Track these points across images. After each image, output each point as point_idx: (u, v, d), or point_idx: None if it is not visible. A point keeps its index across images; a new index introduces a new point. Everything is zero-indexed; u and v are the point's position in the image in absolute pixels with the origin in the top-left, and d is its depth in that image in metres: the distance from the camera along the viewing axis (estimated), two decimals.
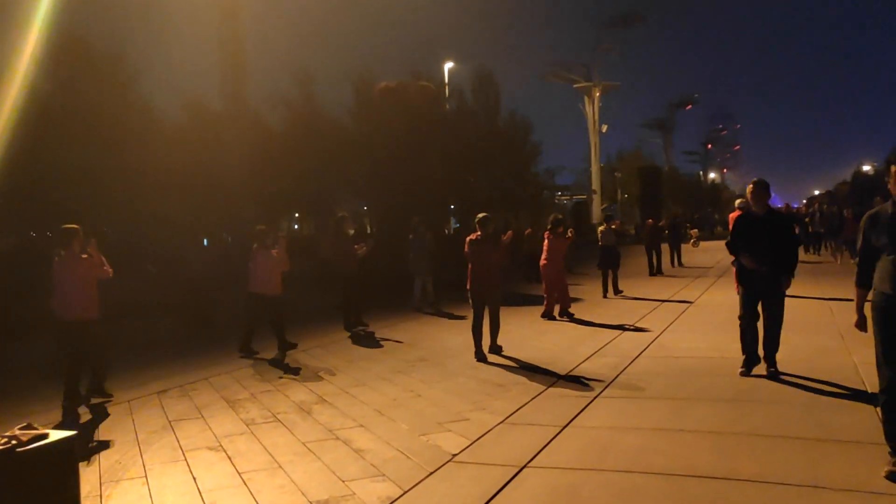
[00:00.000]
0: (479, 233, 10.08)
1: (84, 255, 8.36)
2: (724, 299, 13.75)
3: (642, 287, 17.19)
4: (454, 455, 5.95)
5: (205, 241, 42.62)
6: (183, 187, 34.26)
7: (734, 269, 8.05)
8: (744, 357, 7.96)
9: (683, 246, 23.83)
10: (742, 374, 7.84)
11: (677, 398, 7.24)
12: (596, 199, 70.85)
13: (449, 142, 41.92)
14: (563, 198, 70.34)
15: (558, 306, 13.24)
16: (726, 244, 8.09)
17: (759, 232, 7.56)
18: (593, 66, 74.70)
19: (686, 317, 12.43)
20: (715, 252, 25.45)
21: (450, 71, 50.51)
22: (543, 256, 13.31)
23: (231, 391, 8.69)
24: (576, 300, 14.31)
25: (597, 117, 73.00)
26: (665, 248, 22.22)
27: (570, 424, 6.59)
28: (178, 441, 6.73)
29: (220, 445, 6.52)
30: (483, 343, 9.97)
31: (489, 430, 6.59)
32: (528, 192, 52.53)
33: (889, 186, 4.74)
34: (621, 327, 11.75)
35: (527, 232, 20.05)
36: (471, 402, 7.63)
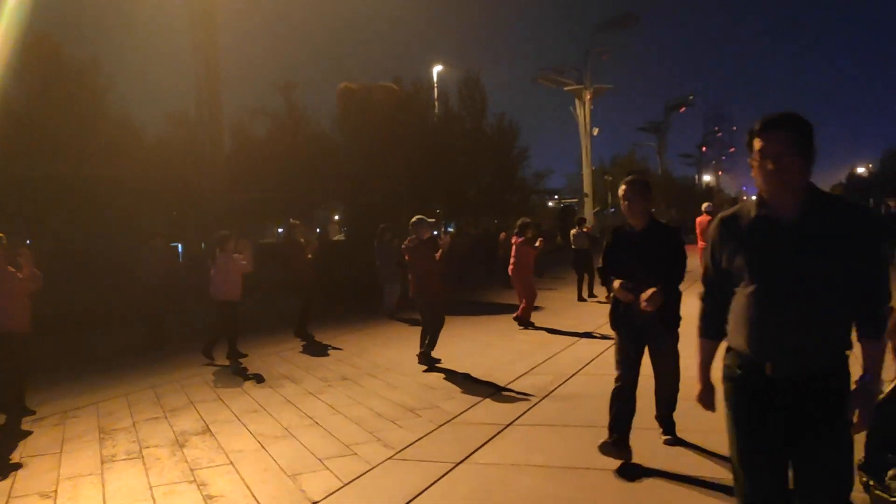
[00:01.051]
0: (413, 237, 9.56)
1: (10, 267, 7.91)
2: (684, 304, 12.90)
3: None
4: None
5: (179, 247, 41.65)
6: (157, 195, 33.48)
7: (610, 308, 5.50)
8: (610, 434, 5.36)
9: None
10: (602, 449, 5.34)
11: (599, 425, 6.25)
12: (588, 202, 69.96)
13: (429, 145, 41.19)
14: (556, 201, 69.23)
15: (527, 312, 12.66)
16: (597, 270, 6.35)
17: (636, 253, 5.25)
18: (586, 69, 73.85)
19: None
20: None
21: (439, 75, 49.87)
22: (511, 262, 12.69)
23: (114, 418, 7.76)
24: (537, 309, 13.31)
25: (588, 120, 71.96)
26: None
27: (466, 460, 5.67)
28: (13, 485, 5.80)
29: (55, 491, 5.59)
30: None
31: (372, 468, 5.67)
32: (517, 197, 51.62)
33: (752, 172, 2.79)
34: (579, 335, 11.15)
35: (501, 236, 19.13)
36: (369, 430, 6.71)
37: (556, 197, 63.65)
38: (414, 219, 9.60)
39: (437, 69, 49.57)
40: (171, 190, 33.13)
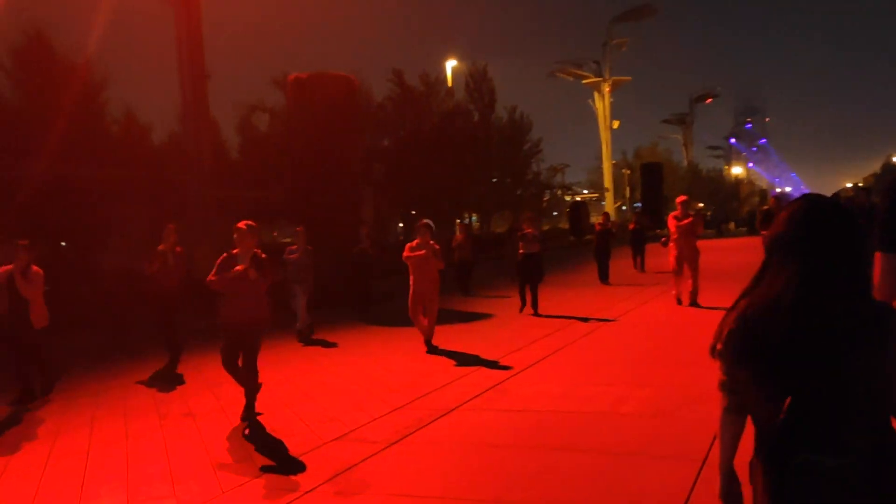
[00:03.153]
0: (236, 250, 6.58)
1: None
2: (656, 313, 11.48)
3: (576, 298, 14.41)
4: None
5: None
6: (147, 196, 32.78)
7: None
8: None
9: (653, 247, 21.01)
10: None
11: (423, 496, 4.58)
12: (609, 196, 68.32)
13: (431, 141, 40.02)
14: (573, 196, 67.65)
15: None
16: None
17: None
18: (604, 61, 72.18)
19: (584, 343, 9.34)
20: (710, 252, 22.61)
21: (453, 69, 48.61)
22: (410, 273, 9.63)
23: None
24: (442, 324, 10.36)
25: (608, 113, 70.44)
26: (629, 251, 20.06)
27: None
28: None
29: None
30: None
31: None
32: (530, 192, 50.21)
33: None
34: (483, 361, 8.52)
35: (456, 238, 17.73)
36: None
37: (569, 192, 61.68)
38: (239, 225, 7.04)
39: (451, 64, 48.30)
40: (160, 190, 32.39)
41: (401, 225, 47.50)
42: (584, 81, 72.17)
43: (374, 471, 4.97)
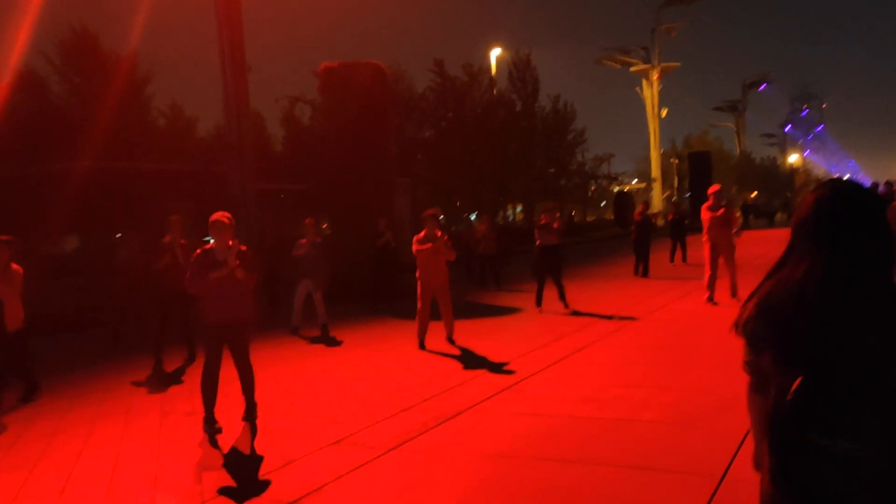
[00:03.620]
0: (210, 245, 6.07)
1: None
2: (691, 309, 10.86)
3: (609, 292, 13.77)
4: None
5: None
6: (191, 189, 33.03)
7: None
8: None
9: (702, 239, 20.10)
10: None
11: None
12: (656, 186, 66.95)
13: (474, 131, 39.53)
14: (620, 186, 66.34)
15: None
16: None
17: None
18: (653, 48, 70.65)
19: (611, 341, 8.78)
20: (757, 244, 21.71)
21: (497, 58, 47.91)
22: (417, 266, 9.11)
23: None
24: (464, 319, 10.25)
25: (656, 101, 69.02)
26: (668, 243, 19.25)
27: None
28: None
29: None
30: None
31: None
32: (574, 182, 49.40)
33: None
34: (500, 359, 8.00)
35: (479, 230, 17.28)
36: None
37: (612, 181, 60.45)
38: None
39: (496, 52, 47.59)
40: (201, 182, 32.59)
41: (441, 217, 47.21)
42: (631, 69, 70.89)
43: (360, 482, 4.61)
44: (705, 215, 11.12)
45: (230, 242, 5.89)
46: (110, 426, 6.45)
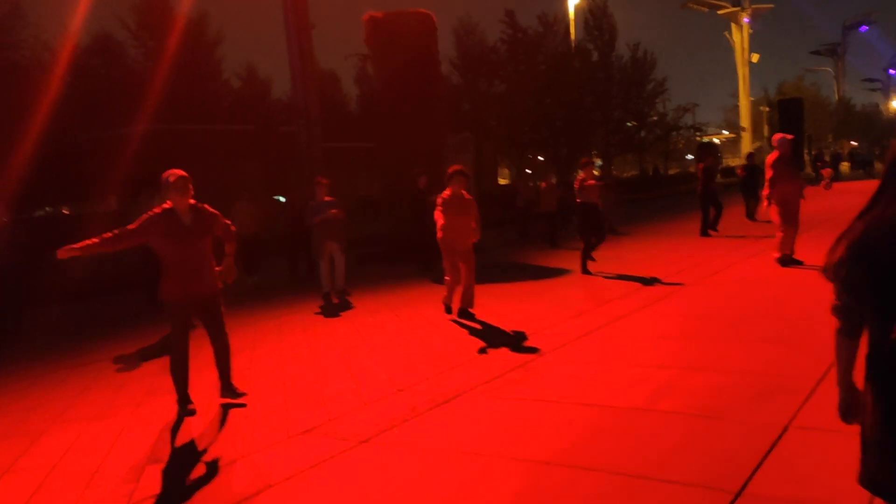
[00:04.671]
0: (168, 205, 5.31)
1: None
2: (753, 272, 9.70)
3: (670, 252, 12.46)
4: None
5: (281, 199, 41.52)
6: (262, 150, 33.09)
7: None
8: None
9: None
10: None
11: None
12: (745, 136, 63.57)
13: (547, 83, 38.05)
14: (705, 137, 63.16)
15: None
16: None
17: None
18: None
19: (651, 311, 7.71)
20: (840, 196, 19.92)
21: (576, 7, 45.93)
22: (439, 225, 7.97)
23: None
24: (500, 283, 10.34)
25: (746, 46, 65.11)
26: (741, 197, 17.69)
27: None
28: None
29: None
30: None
31: None
32: (655, 134, 47.24)
33: None
34: (521, 332, 7.22)
35: (542, 185, 16.30)
36: None
37: (696, 133, 57.58)
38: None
39: (574, 1, 45.53)
40: (272, 143, 32.54)
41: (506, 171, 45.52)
42: (719, 12, 66.89)
43: (312, 483, 3.98)
44: (772, 166, 9.90)
45: (190, 202, 5.30)
46: (91, 402, 6.05)
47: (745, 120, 63.45)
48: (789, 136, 10.23)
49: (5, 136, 25.45)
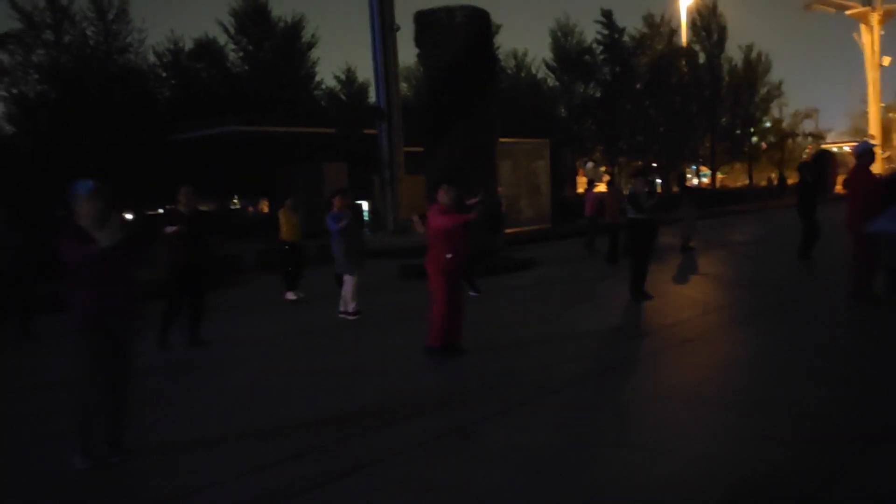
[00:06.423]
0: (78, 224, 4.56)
1: None
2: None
3: (729, 274, 11.04)
4: None
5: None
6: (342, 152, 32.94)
7: None
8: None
9: None
10: None
11: None
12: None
13: (647, 87, 36.23)
14: (826, 145, 58.91)
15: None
16: None
17: None
18: None
19: (662, 359, 6.58)
20: None
21: (687, 8, 43.80)
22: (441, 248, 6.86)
23: None
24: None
25: (877, 48, 60.33)
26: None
27: None
28: None
29: None
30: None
31: None
32: (769, 142, 44.32)
33: None
34: (511, 374, 6.51)
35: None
36: None
37: (821, 140, 53.71)
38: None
39: (686, 2, 43.37)
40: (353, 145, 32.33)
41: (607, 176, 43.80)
42: (847, 12, 62.33)
43: None
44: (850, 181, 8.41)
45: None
46: None
47: (874, 127, 58.83)
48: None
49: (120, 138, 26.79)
